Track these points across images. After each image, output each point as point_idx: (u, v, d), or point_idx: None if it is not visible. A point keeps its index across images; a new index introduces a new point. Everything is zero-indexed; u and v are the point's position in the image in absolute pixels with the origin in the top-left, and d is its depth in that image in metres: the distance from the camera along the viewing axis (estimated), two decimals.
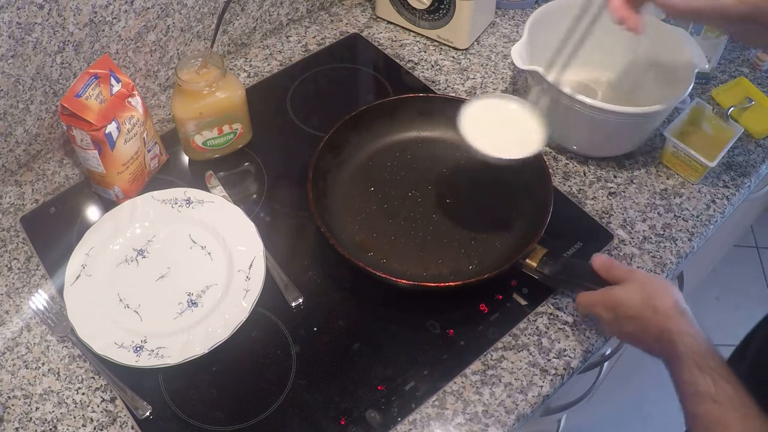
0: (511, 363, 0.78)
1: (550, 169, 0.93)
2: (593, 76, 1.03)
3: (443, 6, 1.07)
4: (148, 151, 0.91)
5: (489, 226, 0.89)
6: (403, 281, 0.79)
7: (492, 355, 0.79)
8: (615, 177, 0.97)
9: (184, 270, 0.84)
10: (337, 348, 0.79)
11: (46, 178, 0.95)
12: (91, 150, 0.84)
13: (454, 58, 1.12)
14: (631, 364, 1.41)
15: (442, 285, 0.79)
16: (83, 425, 0.73)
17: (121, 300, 0.81)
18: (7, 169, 0.95)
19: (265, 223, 0.90)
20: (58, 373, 0.77)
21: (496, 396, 0.76)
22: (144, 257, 0.85)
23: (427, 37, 1.15)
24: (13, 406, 0.75)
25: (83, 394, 0.76)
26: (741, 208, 1.04)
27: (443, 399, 0.76)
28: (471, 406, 0.75)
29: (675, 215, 0.92)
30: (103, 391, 0.76)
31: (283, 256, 0.86)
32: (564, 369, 0.78)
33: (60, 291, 0.82)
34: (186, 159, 0.98)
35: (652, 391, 1.73)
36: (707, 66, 0.94)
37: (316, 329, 0.81)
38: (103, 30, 0.91)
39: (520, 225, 0.88)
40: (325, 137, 0.90)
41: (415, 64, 1.11)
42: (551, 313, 0.82)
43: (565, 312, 0.83)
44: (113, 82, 0.84)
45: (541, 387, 0.77)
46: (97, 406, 0.75)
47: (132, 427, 0.73)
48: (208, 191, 0.91)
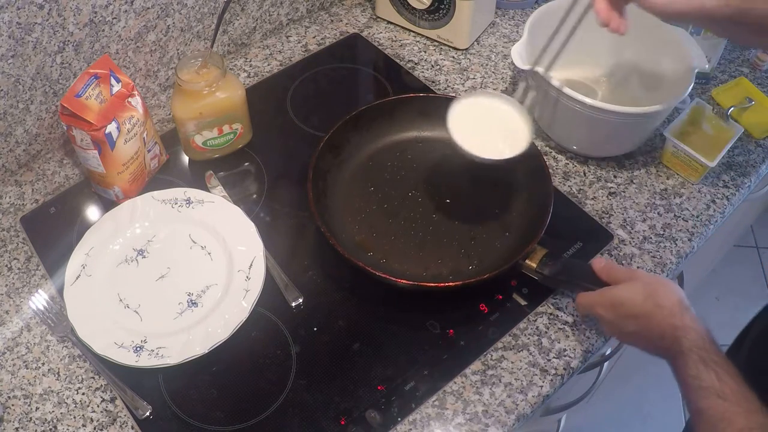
0: (511, 363, 0.78)
1: (550, 169, 0.93)
2: (593, 76, 1.03)
3: (443, 6, 1.07)
4: (148, 151, 0.91)
5: (489, 226, 0.89)
6: (403, 281, 0.79)
7: (492, 355, 0.79)
8: (615, 177, 0.97)
9: (184, 270, 0.84)
10: (337, 348, 0.79)
11: (46, 178, 0.95)
12: (91, 150, 0.84)
13: (454, 58, 1.12)
14: (631, 364, 1.41)
15: (442, 285, 0.79)
16: (83, 425, 0.73)
17: (121, 300, 0.81)
18: (7, 169, 0.95)
19: (265, 223, 0.90)
20: (58, 373, 0.77)
21: (496, 396, 0.76)
22: (144, 257, 0.85)
23: (427, 37, 1.15)
24: (13, 406, 0.75)
25: (83, 394, 0.76)
26: (741, 208, 1.04)
27: (443, 399, 0.76)
28: (471, 406, 0.75)
29: (675, 215, 0.92)
30: (103, 391, 0.76)
31: (283, 256, 0.86)
32: (564, 369, 0.78)
33: (60, 291, 0.82)
34: (186, 159, 0.98)
35: (652, 391, 1.73)
36: (707, 66, 0.94)
37: (316, 329, 0.81)
38: (103, 30, 0.91)
39: (520, 225, 0.88)
40: (325, 137, 0.90)
41: (415, 64, 1.11)
42: (551, 313, 0.82)
43: (565, 312, 0.82)
44: (113, 82, 0.84)
45: (541, 387, 0.77)
46: (97, 406, 0.75)
47: (132, 427, 0.73)
48: (208, 191, 0.91)
